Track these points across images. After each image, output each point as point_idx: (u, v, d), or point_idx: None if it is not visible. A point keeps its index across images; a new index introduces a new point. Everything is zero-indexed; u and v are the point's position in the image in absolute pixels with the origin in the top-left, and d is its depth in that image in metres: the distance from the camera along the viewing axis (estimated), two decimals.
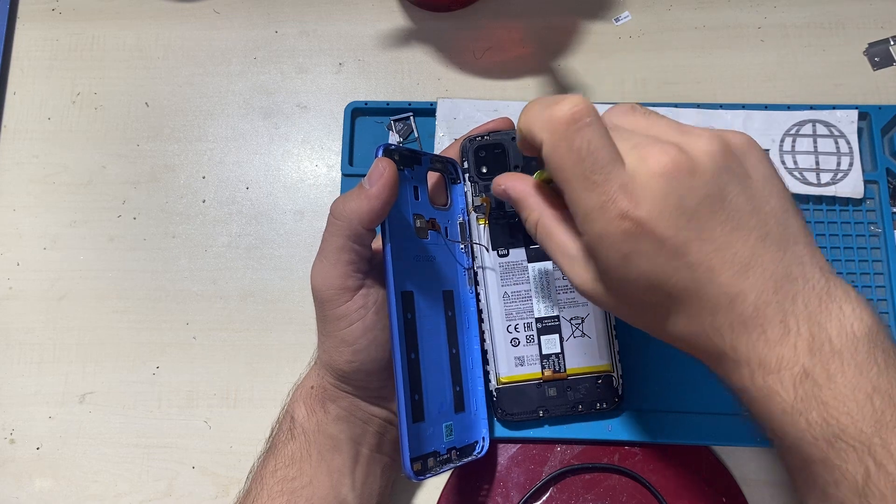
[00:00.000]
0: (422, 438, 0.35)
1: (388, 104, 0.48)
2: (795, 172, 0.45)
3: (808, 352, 0.25)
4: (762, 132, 0.46)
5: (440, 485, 0.43)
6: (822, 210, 0.45)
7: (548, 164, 0.28)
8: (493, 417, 0.41)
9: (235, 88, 0.51)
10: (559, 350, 0.41)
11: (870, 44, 0.50)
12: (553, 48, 0.51)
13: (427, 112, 0.48)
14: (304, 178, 0.50)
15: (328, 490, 0.36)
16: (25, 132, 0.51)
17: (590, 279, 0.29)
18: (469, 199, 0.41)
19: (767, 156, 0.28)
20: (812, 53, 0.50)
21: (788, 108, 0.47)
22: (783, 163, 0.46)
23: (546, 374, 0.40)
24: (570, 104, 0.26)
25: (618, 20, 0.51)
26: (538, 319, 0.41)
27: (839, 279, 0.27)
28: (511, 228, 0.41)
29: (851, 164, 0.45)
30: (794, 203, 0.28)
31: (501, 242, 0.41)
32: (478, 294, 0.41)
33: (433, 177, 0.40)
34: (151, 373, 0.46)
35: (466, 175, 0.41)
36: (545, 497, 0.42)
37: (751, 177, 0.27)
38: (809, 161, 0.46)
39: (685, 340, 0.28)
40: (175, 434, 0.45)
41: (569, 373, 0.40)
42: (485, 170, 0.40)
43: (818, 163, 0.45)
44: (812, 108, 0.46)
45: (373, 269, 0.36)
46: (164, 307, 0.47)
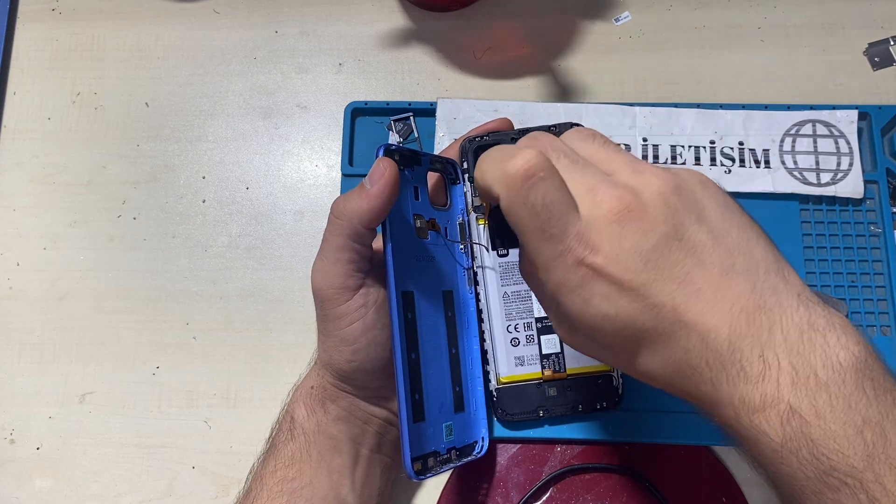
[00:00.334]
0: (422, 438, 0.35)
1: (388, 104, 0.48)
2: (795, 172, 0.45)
3: (792, 387, 0.24)
4: (762, 132, 0.46)
5: (440, 485, 0.43)
6: (822, 210, 0.45)
7: (507, 218, 0.28)
8: (494, 417, 0.41)
9: (235, 88, 0.51)
10: (559, 350, 0.41)
11: (870, 44, 0.50)
12: (553, 48, 0.51)
13: (427, 112, 0.48)
14: (304, 178, 0.50)
15: (328, 490, 0.36)
16: (25, 132, 0.51)
17: (566, 329, 0.29)
18: (468, 200, 0.41)
19: (722, 189, 0.28)
20: (812, 53, 0.50)
21: (788, 108, 0.47)
22: (783, 163, 0.46)
23: (546, 374, 0.40)
24: (523, 160, 0.26)
25: (618, 20, 0.51)
26: (538, 319, 0.41)
27: (821, 305, 0.26)
28: (511, 228, 0.41)
29: (851, 164, 0.45)
30: (760, 231, 0.28)
31: (501, 242, 0.41)
32: (477, 294, 0.41)
33: (433, 177, 0.40)
34: (151, 373, 0.46)
35: (466, 175, 0.41)
36: (545, 497, 0.42)
37: (707, 211, 0.27)
38: (809, 161, 0.46)
39: (664, 380, 0.28)
40: (175, 434, 0.45)
41: (569, 372, 0.40)
42: None
43: (818, 163, 0.45)
44: (812, 108, 0.47)
45: (373, 269, 0.36)
46: (164, 307, 0.47)
